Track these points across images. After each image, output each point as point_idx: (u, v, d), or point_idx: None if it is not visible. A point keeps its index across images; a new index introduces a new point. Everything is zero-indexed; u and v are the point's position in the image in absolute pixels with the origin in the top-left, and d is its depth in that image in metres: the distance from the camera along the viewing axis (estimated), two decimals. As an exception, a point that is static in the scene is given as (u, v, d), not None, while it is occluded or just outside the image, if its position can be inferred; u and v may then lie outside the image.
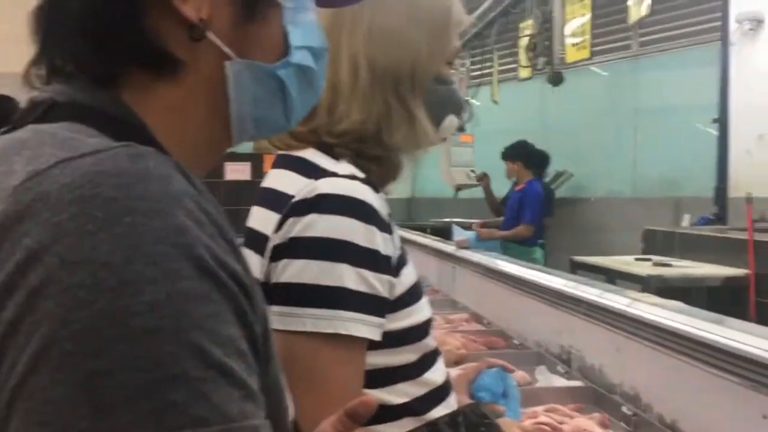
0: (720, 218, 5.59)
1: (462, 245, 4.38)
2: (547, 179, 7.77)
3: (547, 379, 2.26)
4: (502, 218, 5.92)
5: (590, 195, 7.68)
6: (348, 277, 0.84)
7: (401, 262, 0.92)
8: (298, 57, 0.59)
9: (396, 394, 0.91)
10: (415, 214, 9.77)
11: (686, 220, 6.02)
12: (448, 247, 4.35)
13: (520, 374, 2.26)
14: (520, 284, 2.93)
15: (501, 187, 6.42)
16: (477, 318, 3.28)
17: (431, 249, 4.65)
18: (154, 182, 0.46)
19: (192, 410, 0.41)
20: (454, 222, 5.15)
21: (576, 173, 7.73)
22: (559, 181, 7.79)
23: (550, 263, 5.31)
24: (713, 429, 1.63)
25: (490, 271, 3.34)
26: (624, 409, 1.89)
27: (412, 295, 0.93)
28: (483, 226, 5.72)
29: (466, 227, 5.03)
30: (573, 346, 2.40)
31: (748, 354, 1.51)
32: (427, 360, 0.95)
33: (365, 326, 0.85)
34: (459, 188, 5.40)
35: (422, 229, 6.47)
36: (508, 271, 3.11)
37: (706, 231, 5.20)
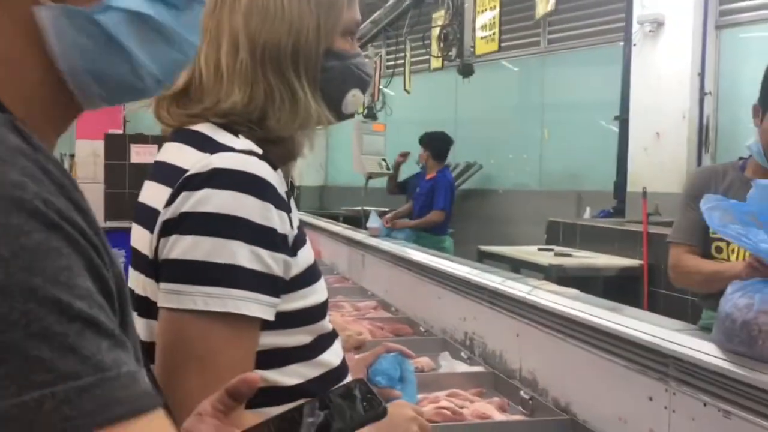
0: (619, 211, 5.84)
1: (374, 233, 4.40)
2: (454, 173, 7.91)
3: (450, 365, 2.30)
4: (408, 205, 5.97)
5: (498, 187, 7.87)
6: (241, 254, 0.82)
7: (299, 241, 0.90)
8: (124, 1, 0.52)
9: (289, 376, 0.90)
10: (327, 202, 9.75)
11: (588, 213, 6.27)
12: (359, 235, 4.36)
13: (424, 360, 2.30)
14: (427, 272, 2.97)
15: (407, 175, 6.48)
16: (385, 305, 3.30)
17: (342, 237, 4.65)
18: None
19: (60, 365, 0.39)
20: (373, 210, 5.17)
21: (485, 165, 7.90)
22: (469, 172, 7.95)
23: (458, 253, 5.41)
24: (604, 411, 1.70)
25: (399, 260, 3.37)
26: (522, 393, 1.95)
27: (308, 276, 0.91)
28: (394, 217, 5.76)
29: (382, 215, 5.06)
30: (476, 332, 2.45)
31: (638, 339, 1.59)
32: (323, 342, 0.94)
33: (258, 305, 0.83)
34: (370, 176, 5.42)
35: (334, 217, 6.47)
36: (416, 259, 3.14)
37: (606, 223, 5.42)
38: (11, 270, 0.40)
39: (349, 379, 1.01)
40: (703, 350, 1.40)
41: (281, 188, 0.88)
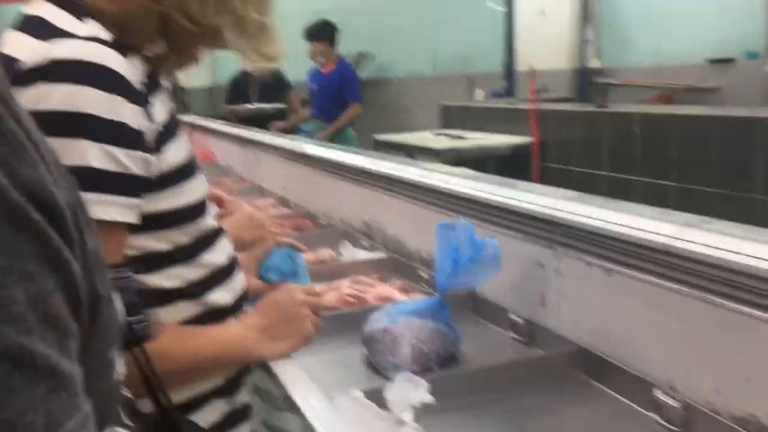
0: (509, 92, 5.94)
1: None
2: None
3: (352, 253, 2.33)
4: (301, 109, 5.81)
5: (392, 75, 7.81)
6: (91, 154, 0.75)
7: (165, 136, 0.84)
8: None
9: (168, 278, 0.86)
10: (218, 102, 9.42)
11: (479, 95, 6.35)
12: (251, 134, 4.26)
13: (325, 252, 2.32)
14: (324, 165, 2.95)
15: (294, 70, 6.29)
16: (284, 202, 3.29)
17: (235, 137, 4.53)
18: None
19: None
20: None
21: (377, 54, 7.79)
22: (362, 62, 7.83)
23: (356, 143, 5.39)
24: (499, 281, 1.77)
25: (295, 155, 3.33)
26: (421, 272, 2.01)
27: (181, 174, 0.86)
28: (291, 127, 5.61)
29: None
30: (375, 220, 2.48)
31: (527, 210, 1.64)
32: (205, 241, 0.91)
33: (118, 209, 0.77)
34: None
35: (226, 118, 6.27)
36: (312, 153, 3.11)
37: (496, 104, 5.52)
38: None
39: (240, 276, 0.99)
40: (585, 213, 1.47)
41: (135, 77, 0.80)
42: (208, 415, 0.90)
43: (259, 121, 5.56)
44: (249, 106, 5.81)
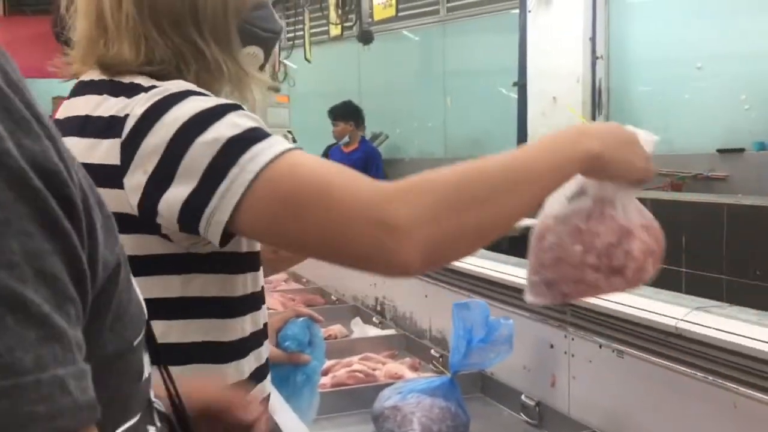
0: (521, 175, 6.02)
1: None
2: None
3: (363, 330, 2.33)
4: None
5: (405, 156, 7.95)
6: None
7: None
8: None
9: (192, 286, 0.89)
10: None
11: (491, 178, 6.42)
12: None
13: (336, 327, 2.32)
14: (336, 241, 2.98)
15: (312, 148, 6.44)
16: (296, 277, 3.30)
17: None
18: None
19: None
20: None
21: (391, 135, 7.96)
22: (377, 142, 7.98)
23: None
24: (510, 362, 1.77)
25: (307, 231, 3.37)
26: (433, 351, 2.00)
27: None
28: None
29: None
30: (386, 296, 2.49)
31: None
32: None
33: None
34: (275, 150, 5.36)
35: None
36: (325, 229, 3.15)
37: (509, 187, 5.58)
38: None
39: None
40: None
41: None
42: None
43: None
44: None
